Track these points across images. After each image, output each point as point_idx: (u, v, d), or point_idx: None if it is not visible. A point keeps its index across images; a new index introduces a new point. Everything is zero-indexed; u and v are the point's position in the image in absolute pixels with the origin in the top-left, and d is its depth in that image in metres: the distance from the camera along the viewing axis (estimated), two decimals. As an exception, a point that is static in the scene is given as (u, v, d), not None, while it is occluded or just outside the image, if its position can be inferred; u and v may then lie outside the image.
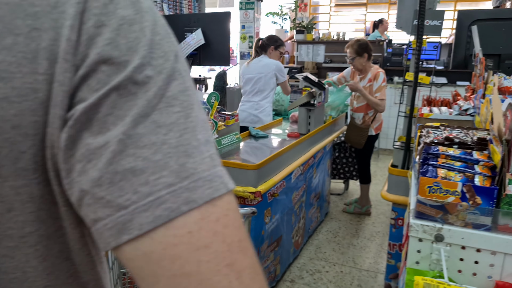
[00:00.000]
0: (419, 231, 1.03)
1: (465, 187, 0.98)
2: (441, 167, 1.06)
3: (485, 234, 0.98)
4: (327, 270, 3.14)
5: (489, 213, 0.97)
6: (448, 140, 1.21)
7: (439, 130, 1.39)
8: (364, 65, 3.64)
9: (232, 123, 3.00)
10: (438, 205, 1.01)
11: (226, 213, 0.35)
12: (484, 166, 1.04)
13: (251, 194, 2.39)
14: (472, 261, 1.01)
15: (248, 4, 5.99)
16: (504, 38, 2.23)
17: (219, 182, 0.36)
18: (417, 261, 1.05)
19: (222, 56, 2.57)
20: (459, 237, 1.00)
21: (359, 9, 7.90)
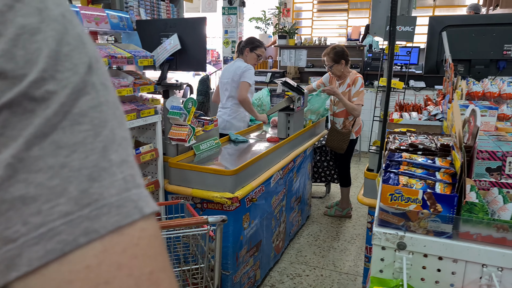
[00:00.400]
0: (381, 239, 1.03)
1: (425, 194, 0.98)
2: (403, 174, 1.06)
3: (447, 241, 0.99)
4: (307, 274, 3.14)
5: (450, 221, 0.98)
6: (412, 147, 1.22)
7: (405, 136, 1.40)
8: (343, 71, 3.68)
9: (211, 128, 2.98)
10: (400, 212, 1.01)
11: (136, 242, 0.32)
12: (445, 173, 1.05)
13: (228, 200, 2.37)
14: (435, 269, 1.02)
15: (230, 9, 5.99)
16: (474, 44, 2.27)
17: (131, 207, 0.32)
18: (380, 269, 1.05)
19: (198, 61, 2.55)
20: (421, 245, 1.01)
21: (341, 15, 7.99)
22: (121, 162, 0.34)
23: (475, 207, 0.97)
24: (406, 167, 1.09)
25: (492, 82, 1.92)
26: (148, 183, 2.56)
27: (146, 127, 2.61)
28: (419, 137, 1.37)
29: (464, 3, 8.11)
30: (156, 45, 2.63)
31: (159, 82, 2.61)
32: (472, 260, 0.98)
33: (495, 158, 1.11)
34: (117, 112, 0.36)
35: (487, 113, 1.44)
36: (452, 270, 1.00)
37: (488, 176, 1.14)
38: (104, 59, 2.18)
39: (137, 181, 0.35)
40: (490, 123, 1.45)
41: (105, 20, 2.37)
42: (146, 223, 0.34)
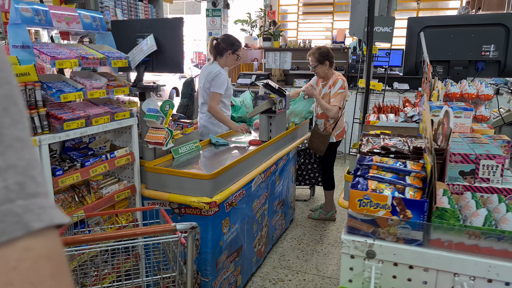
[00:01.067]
0: (350, 247, 0.98)
1: (395, 200, 0.94)
2: (372, 178, 1.02)
3: (417, 249, 0.95)
4: (290, 278, 3.09)
5: (420, 228, 0.94)
6: (384, 149, 1.18)
7: (379, 138, 1.36)
8: (326, 72, 3.66)
9: (190, 131, 2.91)
10: (369, 219, 0.96)
11: (14, 265, 0.27)
12: (415, 178, 1.01)
13: (206, 205, 2.31)
14: (405, 278, 0.97)
15: (214, 11, 5.93)
16: (452, 45, 2.25)
17: (10, 222, 0.27)
18: (350, 279, 1.00)
19: (175, 62, 2.48)
20: (391, 253, 0.96)
21: (326, 17, 7.99)
22: (6, 168, 0.28)
23: (446, 213, 0.93)
24: (376, 171, 1.04)
25: (470, 83, 1.89)
26: (124, 188, 2.48)
27: (122, 130, 2.53)
28: (392, 139, 1.32)
29: (447, 6, 8.20)
30: (132, 46, 2.56)
31: (135, 84, 2.54)
32: (443, 268, 0.93)
33: (468, 161, 1.07)
34: (11, 108, 0.30)
35: (462, 115, 1.41)
36: (423, 280, 0.96)
37: (461, 179, 1.10)
38: (75, 60, 2.10)
39: (27, 190, 0.29)
40: (465, 124, 1.42)
41: (77, 20, 2.29)
42: (33, 241, 0.29)
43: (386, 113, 2.00)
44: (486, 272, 0.90)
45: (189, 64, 12.11)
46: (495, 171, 1.07)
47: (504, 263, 0.90)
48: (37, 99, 1.93)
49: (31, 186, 0.30)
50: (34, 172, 0.31)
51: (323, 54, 3.58)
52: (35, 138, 1.88)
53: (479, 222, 0.94)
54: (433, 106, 1.45)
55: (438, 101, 1.63)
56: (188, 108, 5.77)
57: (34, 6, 2.10)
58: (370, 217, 0.96)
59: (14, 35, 2.04)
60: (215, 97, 3.29)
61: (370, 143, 1.29)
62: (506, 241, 0.89)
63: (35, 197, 0.30)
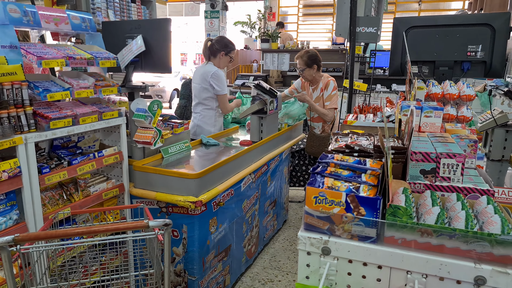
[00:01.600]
0: (306, 244, 0.99)
1: (349, 197, 0.95)
2: (329, 176, 1.03)
3: (370, 246, 0.96)
4: (280, 279, 3.09)
5: (373, 225, 0.95)
6: (348, 148, 1.18)
7: (347, 137, 1.37)
8: (314, 76, 3.66)
9: (180, 131, 2.93)
10: (324, 216, 0.97)
11: None
12: (371, 175, 1.01)
13: (192, 204, 2.33)
14: (360, 276, 0.98)
15: (213, 13, 5.97)
16: (438, 45, 2.25)
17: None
18: (307, 275, 1.01)
19: (163, 63, 2.51)
20: (345, 250, 0.97)
21: (326, 19, 8.00)
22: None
23: (399, 210, 0.94)
24: (334, 169, 1.05)
25: (451, 84, 1.89)
26: (112, 186, 2.51)
27: (111, 129, 2.56)
28: (359, 138, 1.33)
29: (449, 7, 8.16)
30: (121, 46, 2.59)
31: (123, 84, 2.57)
32: (396, 266, 0.94)
33: (429, 159, 1.08)
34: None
35: (432, 114, 1.41)
36: (377, 277, 0.96)
37: (422, 178, 1.10)
38: (62, 60, 2.13)
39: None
40: (435, 124, 1.42)
41: (66, 21, 2.33)
42: None
43: (367, 114, 2.00)
44: (437, 270, 0.91)
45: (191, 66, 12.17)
46: (455, 170, 1.07)
47: (456, 261, 0.90)
48: (24, 98, 1.95)
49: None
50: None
51: (312, 57, 3.57)
52: (21, 136, 1.90)
53: (431, 220, 0.94)
54: (404, 106, 1.45)
55: (414, 101, 1.64)
56: (186, 109, 5.81)
57: (23, 7, 2.13)
58: (326, 214, 0.97)
59: (2, 35, 2.07)
60: (224, 99, 3.39)
61: (338, 142, 1.30)
62: (458, 239, 0.90)
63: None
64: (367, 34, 2.19)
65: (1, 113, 1.81)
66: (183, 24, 16.25)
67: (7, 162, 1.82)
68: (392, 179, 1.06)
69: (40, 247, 1.63)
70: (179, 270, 2.58)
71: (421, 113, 1.38)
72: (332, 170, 1.04)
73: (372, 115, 1.87)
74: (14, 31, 2.07)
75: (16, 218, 1.92)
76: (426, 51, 2.25)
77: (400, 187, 1.05)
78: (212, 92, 3.38)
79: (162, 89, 11.78)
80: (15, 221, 1.92)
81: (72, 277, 2.08)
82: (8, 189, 1.84)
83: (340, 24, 2.32)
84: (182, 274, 2.57)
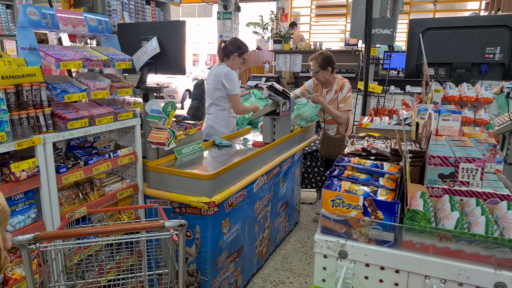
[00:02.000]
0: (323, 247, 0.99)
1: (366, 201, 0.94)
2: (346, 179, 1.02)
3: (388, 251, 0.95)
4: (291, 281, 3.09)
5: (391, 229, 0.94)
6: (365, 151, 1.18)
7: (363, 140, 1.36)
8: (328, 78, 3.64)
9: (193, 132, 2.95)
10: (341, 219, 0.97)
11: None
12: (389, 179, 1.01)
13: (205, 205, 2.34)
14: (377, 280, 0.98)
15: (225, 14, 6.00)
16: (455, 47, 2.23)
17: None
18: (323, 278, 1.01)
19: (177, 64, 2.53)
20: (363, 254, 0.97)
21: (340, 19, 7.96)
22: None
23: (417, 215, 0.93)
24: (351, 172, 1.05)
25: (469, 86, 1.87)
26: (127, 186, 2.54)
27: (126, 130, 2.59)
28: (376, 141, 1.32)
29: (465, 7, 8.05)
30: (136, 48, 2.62)
31: (138, 86, 2.59)
32: (414, 271, 0.93)
33: (447, 164, 1.07)
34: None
35: (450, 117, 1.40)
36: (394, 281, 0.96)
37: (441, 182, 1.09)
38: (79, 61, 2.17)
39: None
40: (453, 127, 1.40)
41: (83, 23, 2.37)
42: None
43: (382, 116, 1.99)
44: (456, 275, 0.90)
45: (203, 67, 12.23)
46: (474, 174, 1.06)
47: (475, 266, 0.89)
48: (43, 99, 1.99)
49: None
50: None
51: (326, 59, 3.55)
52: (40, 137, 1.94)
53: (450, 225, 0.93)
54: (421, 109, 1.44)
55: (431, 103, 1.62)
56: (198, 109, 5.85)
57: (42, 10, 2.17)
58: (343, 217, 0.97)
59: (22, 38, 2.11)
60: (236, 98, 3.38)
61: (354, 145, 1.29)
62: (477, 244, 0.89)
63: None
64: (382, 36, 2.17)
65: (20, 114, 1.84)
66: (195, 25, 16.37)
67: (26, 161, 1.85)
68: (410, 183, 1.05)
69: (58, 246, 1.67)
70: (191, 270, 2.60)
71: (439, 117, 1.37)
72: (349, 174, 1.04)
73: (388, 118, 1.85)
74: (33, 33, 2.11)
75: (34, 216, 1.96)
76: (442, 53, 2.23)
77: (418, 191, 1.04)
78: (225, 92, 3.39)
79: (174, 90, 11.87)
80: (33, 220, 1.96)
81: (88, 276, 2.11)
82: (27, 188, 1.88)
83: (355, 25, 2.31)
84: (195, 274, 2.59)
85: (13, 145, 1.79)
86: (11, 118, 1.79)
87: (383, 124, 1.75)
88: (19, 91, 1.86)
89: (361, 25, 2.27)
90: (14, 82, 1.83)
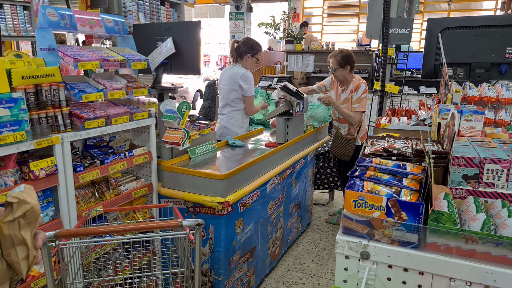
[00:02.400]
0: (345, 247, 0.98)
1: (390, 201, 0.93)
2: (368, 180, 1.01)
3: (411, 252, 0.94)
4: (304, 282, 3.08)
5: (415, 230, 0.93)
6: (386, 152, 1.16)
7: (384, 141, 1.35)
8: (346, 76, 3.61)
9: (207, 132, 2.96)
10: (364, 220, 0.96)
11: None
12: (412, 180, 0.99)
13: (219, 204, 2.34)
14: (400, 281, 0.96)
15: (238, 14, 6.00)
16: (474, 47, 2.19)
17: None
18: (344, 279, 1.00)
19: (192, 64, 2.54)
20: (385, 255, 0.95)
21: (352, 19, 7.91)
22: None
23: (442, 216, 0.91)
24: (373, 173, 1.04)
25: (489, 86, 1.84)
26: (142, 185, 2.55)
27: (141, 130, 2.60)
28: (397, 141, 1.31)
29: (481, 7, 7.93)
30: (151, 48, 2.64)
31: (153, 86, 2.61)
32: (438, 273, 0.92)
33: (472, 165, 1.05)
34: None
35: (472, 118, 1.37)
36: (418, 283, 0.94)
37: (464, 184, 1.07)
38: (96, 62, 2.19)
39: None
40: (476, 128, 1.38)
41: (100, 24, 2.39)
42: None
43: (400, 116, 1.97)
44: (483, 278, 0.88)
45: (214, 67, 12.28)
46: (500, 175, 1.04)
47: (502, 269, 0.87)
48: (61, 98, 2.01)
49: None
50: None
51: (345, 57, 3.53)
52: (58, 136, 1.96)
53: (476, 227, 0.92)
54: (442, 109, 1.42)
55: (451, 104, 1.60)
56: (210, 110, 5.86)
57: (60, 11, 2.20)
58: (365, 218, 0.96)
59: (41, 38, 2.14)
60: (251, 100, 3.41)
61: (374, 145, 1.28)
62: (505, 246, 0.87)
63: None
64: (399, 35, 2.15)
65: (40, 113, 1.87)
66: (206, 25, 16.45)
67: (45, 160, 1.87)
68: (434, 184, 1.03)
69: (76, 243, 1.68)
70: (205, 270, 2.61)
71: (461, 117, 1.34)
72: (372, 174, 1.03)
73: (406, 118, 1.83)
74: (52, 34, 2.14)
75: (52, 214, 1.98)
76: (461, 53, 2.20)
77: (441, 192, 1.03)
78: (241, 94, 3.40)
79: (185, 90, 11.93)
80: (51, 218, 1.98)
81: (104, 273, 2.12)
82: (45, 186, 1.90)
83: (371, 25, 2.29)
84: (208, 274, 2.59)
85: (32, 144, 1.81)
86: (30, 118, 1.81)
87: (402, 125, 1.73)
88: (38, 91, 1.89)
89: (377, 24, 2.25)
90: (33, 82, 1.85)
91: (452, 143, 1.05)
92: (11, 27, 3.92)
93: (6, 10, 3.92)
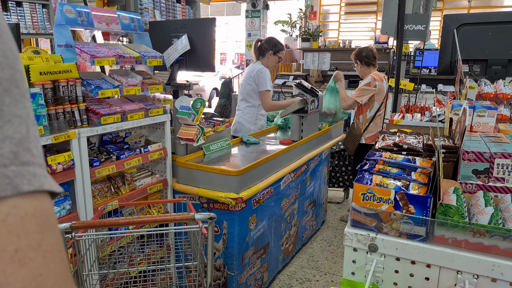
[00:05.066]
0: (353, 240, 0.99)
1: (398, 195, 0.93)
2: (377, 173, 1.01)
3: (419, 245, 0.94)
4: (318, 279, 3.07)
5: (423, 223, 0.93)
6: (397, 146, 1.16)
7: (395, 136, 1.34)
8: (361, 71, 3.62)
9: (222, 129, 2.99)
10: (372, 213, 0.96)
11: (3, 218, 0.32)
12: (421, 173, 0.99)
13: (233, 200, 2.37)
14: (407, 274, 0.96)
15: (254, 12, 6.02)
16: (491, 43, 2.15)
17: (3, 183, 0.32)
18: (352, 271, 1.01)
19: (207, 61, 2.57)
20: (393, 248, 0.96)
21: (370, 17, 7.82)
22: (3, 139, 0.33)
23: (450, 209, 0.91)
24: (382, 166, 1.04)
25: (505, 83, 1.80)
26: (157, 181, 2.60)
27: (156, 126, 2.65)
28: (408, 137, 1.30)
29: (502, 4, 7.74)
30: (167, 45, 2.68)
31: (168, 82, 2.65)
32: (446, 265, 0.91)
33: (482, 159, 1.04)
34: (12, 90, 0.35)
35: (485, 113, 1.35)
36: (425, 276, 0.94)
37: (475, 178, 1.06)
38: (112, 58, 2.24)
39: (21, 159, 0.34)
40: (489, 123, 1.35)
41: (116, 21, 2.44)
42: (22, 201, 0.33)
43: (413, 113, 1.95)
44: (490, 271, 0.87)
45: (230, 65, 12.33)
46: (510, 170, 1.02)
47: (509, 262, 0.86)
48: (78, 94, 2.07)
49: (25, 156, 0.35)
50: (30, 145, 0.36)
51: (360, 53, 3.55)
52: (75, 131, 2.02)
53: (484, 220, 0.91)
54: (455, 105, 1.40)
55: (465, 100, 1.57)
56: (225, 108, 5.90)
57: (77, 8, 2.26)
58: (373, 211, 0.96)
59: (59, 35, 2.21)
60: (266, 95, 3.40)
61: (385, 140, 1.28)
62: (514, 241, 0.86)
63: (28, 165, 0.34)
64: (415, 32, 2.12)
65: (57, 109, 1.92)
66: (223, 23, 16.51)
67: (62, 154, 1.93)
68: (443, 178, 1.03)
69: (92, 236, 1.73)
70: (218, 265, 2.64)
71: (474, 112, 1.32)
72: (381, 168, 1.03)
73: (420, 115, 1.81)
74: (69, 31, 2.20)
75: (69, 208, 2.04)
76: (477, 49, 2.15)
77: (451, 186, 1.02)
78: (255, 88, 3.43)
79: (201, 88, 12.03)
80: (67, 211, 2.04)
81: (119, 266, 2.18)
82: (62, 181, 1.96)
83: (386, 21, 2.27)
84: (222, 269, 2.62)
85: (50, 138, 1.87)
86: (48, 113, 1.87)
87: (415, 121, 1.71)
88: (56, 87, 1.94)
89: (392, 21, 2.22)
90: (51, 78, 1.91)
91: (462, 138, 1.04)
92: (30, 25, 4.04)
93: (25, 8, 4.03)
